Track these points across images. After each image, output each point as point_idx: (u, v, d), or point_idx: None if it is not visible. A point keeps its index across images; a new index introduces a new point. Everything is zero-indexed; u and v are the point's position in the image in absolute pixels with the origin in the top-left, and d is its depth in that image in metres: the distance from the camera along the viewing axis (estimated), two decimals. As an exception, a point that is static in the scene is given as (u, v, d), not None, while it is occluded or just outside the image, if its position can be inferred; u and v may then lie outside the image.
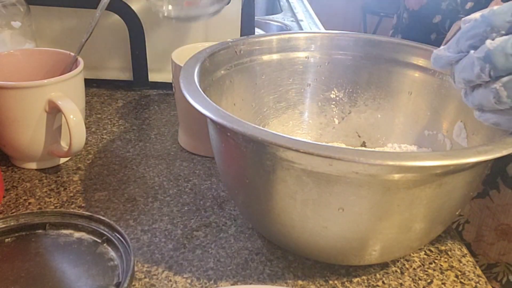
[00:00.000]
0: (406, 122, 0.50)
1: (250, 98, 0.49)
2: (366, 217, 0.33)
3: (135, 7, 0.64)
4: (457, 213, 0.37)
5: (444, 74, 0.47)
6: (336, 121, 0.52)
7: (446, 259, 0.43)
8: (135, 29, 0.64)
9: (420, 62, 0.48)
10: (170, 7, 0.55)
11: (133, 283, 0.37)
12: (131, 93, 0.69)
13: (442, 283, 0.40)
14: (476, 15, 0.31)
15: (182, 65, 0.51)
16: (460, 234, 0.56)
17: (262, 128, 0.31)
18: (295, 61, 0.50)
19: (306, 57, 0.50)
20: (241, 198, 0.39)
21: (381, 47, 0.50)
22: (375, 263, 0.40)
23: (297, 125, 0.52)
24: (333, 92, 0.52)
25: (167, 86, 0.68)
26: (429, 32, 0.57)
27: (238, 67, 0.47)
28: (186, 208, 0.46)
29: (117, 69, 0.69)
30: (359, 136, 0.52)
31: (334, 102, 0.52)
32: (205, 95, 0.36)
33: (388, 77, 0.50)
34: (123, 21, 0.64)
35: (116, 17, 0.64)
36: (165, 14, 0.55)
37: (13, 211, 0.44)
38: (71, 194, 0.47)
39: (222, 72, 0.46)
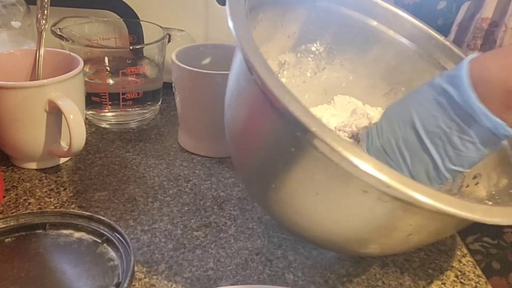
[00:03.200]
0: (376, 91, 0.50)
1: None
2: (374, 227, 0.32)
3: (133, 5, 0.64)
4: None
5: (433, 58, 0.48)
6: (308, 75, 0.52)
7: (446, 259, 0.43)
8: (135, 28, 0.64)
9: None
10: (110, 114, 0.60)
11: (133, 283, 0.37)
12: (131, 93, 0.69)
13: (442, 283, 0.40)
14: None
15: (182, 65, 0.51)
16: None
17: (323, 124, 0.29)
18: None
19: None
20: (251, 165, 0.37)
21: (381, 17, 0.49)
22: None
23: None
24: (315, 45, 0.51)
25: (167, 86, 0.68)
26: (435, 18, 0.57)
27: None
28: (186, 208, 0.46)
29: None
30: (326, 94, 0.52)
31: (312, 55, 0.51)
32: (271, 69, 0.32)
33: (376, 44, 0.50)
34: (122, 20, 0.64)
35: (114, 16, 0.64)
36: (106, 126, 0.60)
37: (13, 211, 0.44)
38: (71, 194, 0.47)
39: None
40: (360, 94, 0.52)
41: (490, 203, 0.39)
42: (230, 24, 0.33)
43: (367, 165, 0.27)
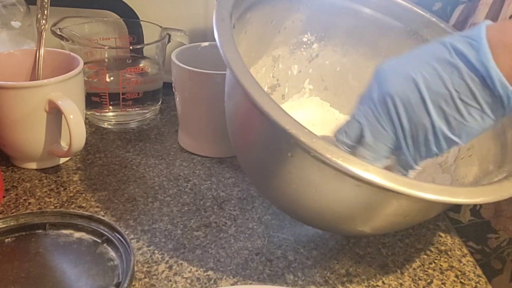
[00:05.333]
0: (369, 72, 0.52)
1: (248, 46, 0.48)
2: (371, 213, 0.35)
3: (133, 5, 0.64)
4: None
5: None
6: (303, 65, 0.53)
7: (446, 259, 0.43)
8: (135, 28, 0.64)
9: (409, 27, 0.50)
10: (111, 114, 0.60)
11: (133, 283, 0.37)
12: (131, 93, 0.69)
13: (442, 283, 0.40)
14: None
15: (182, 65, 0.51)
16: (479, 212, 0.56)
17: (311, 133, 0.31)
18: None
19: None
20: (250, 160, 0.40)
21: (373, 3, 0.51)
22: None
23: (268, 71, 0.52)
24: (306, 35, 0.52)
25: (167, 86, 0.68)
26: None
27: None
28: (186, 208, 0.46)
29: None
30: (323, 81, 0.54)
31: (304, 46, 0.52)
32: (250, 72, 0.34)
33: (364, 26, 0.51)
34: (122, 20, 0.64)
35: (114, 16, 0.64)
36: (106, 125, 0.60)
37: (13, 211, 0.44)
38: (71, 194, 0.47)
39: None
40: (355, 76, 0.53)
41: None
42: (219, 44, 0.35)
43: (357, 169, 0.30)
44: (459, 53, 0.30)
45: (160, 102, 0.64)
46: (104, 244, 0.39)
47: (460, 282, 0.40)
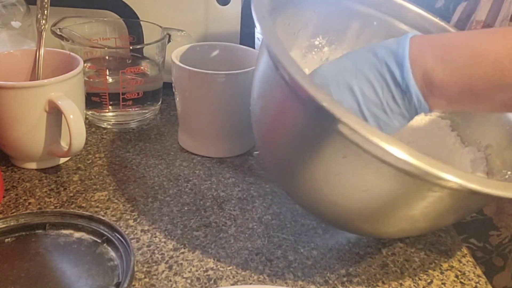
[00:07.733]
0: None
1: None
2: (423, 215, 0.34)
3: (133, 5, 0.64)
4: None
5: None
6: (313, 68, 0.53)
7: (446, 259, 0.43)
8: (135, 28, 0.64)
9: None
10: (111, 114, 0.60)
11: (133, 283, 0.37)
12: (131, 93, 0.69)
13: (442, 283, 0.40)
14: None
15: (182, 65, 0.51)
16: (481, 210, 0.56)
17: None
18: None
19: None
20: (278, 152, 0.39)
21: (377, 5, 0.51)
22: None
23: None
24: (318, 39, 0.52)
25: (167, 86, 0.68)
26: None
27: None
28: (186, 208, 0.46)
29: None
30: None
31: (316, 49, 0.52)
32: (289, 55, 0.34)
33: (375, 31, 0.51)
34: (122, 20, 0.64)
35: (114, 16, 0.64)
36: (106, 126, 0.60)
37: (13, 211, 0.44)
38: (71, 194, 0.47)
39: None
40: None
41: (509, 172, 0.41)
42: (259, 27, 0.35)
43: (425, 165, 0.28)
44: (388, 68, 0.36)
45: (160, 102, 0.64)
46: (104, 244, 0.39)
47: (460, 282, 0.40)
